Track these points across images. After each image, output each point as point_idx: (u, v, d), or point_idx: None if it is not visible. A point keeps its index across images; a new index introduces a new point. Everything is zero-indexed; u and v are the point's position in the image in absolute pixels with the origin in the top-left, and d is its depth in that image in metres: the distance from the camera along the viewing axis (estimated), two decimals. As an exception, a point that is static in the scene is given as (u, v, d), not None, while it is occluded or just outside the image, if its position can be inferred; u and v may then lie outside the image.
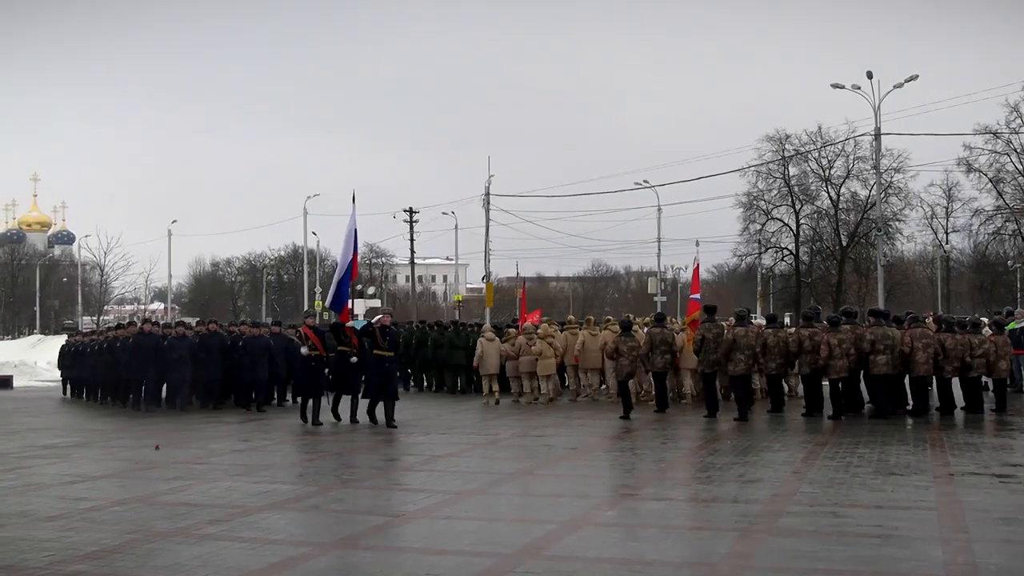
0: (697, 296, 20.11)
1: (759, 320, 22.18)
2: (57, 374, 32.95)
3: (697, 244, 48.85)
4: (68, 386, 25.56)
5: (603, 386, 19.76)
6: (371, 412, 15.78)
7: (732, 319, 17.20)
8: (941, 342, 15.89)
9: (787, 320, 26.15)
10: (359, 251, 17.24)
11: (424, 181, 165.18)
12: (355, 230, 16.87)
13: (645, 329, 18.79)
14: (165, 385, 19.79)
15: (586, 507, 8.81)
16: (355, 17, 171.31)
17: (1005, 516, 8.02)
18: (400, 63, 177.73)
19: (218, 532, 7.78)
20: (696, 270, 22.16)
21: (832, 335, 15.51)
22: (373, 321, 15.95)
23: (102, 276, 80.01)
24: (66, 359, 25.36)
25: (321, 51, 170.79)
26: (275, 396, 20.31)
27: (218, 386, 19.71)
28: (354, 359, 15.78)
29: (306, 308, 17.31)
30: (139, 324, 21.85)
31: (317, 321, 19.00)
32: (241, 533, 7.74)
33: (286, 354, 19.44)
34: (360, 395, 16.12)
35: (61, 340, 32.47)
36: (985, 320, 20.62)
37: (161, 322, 25.97)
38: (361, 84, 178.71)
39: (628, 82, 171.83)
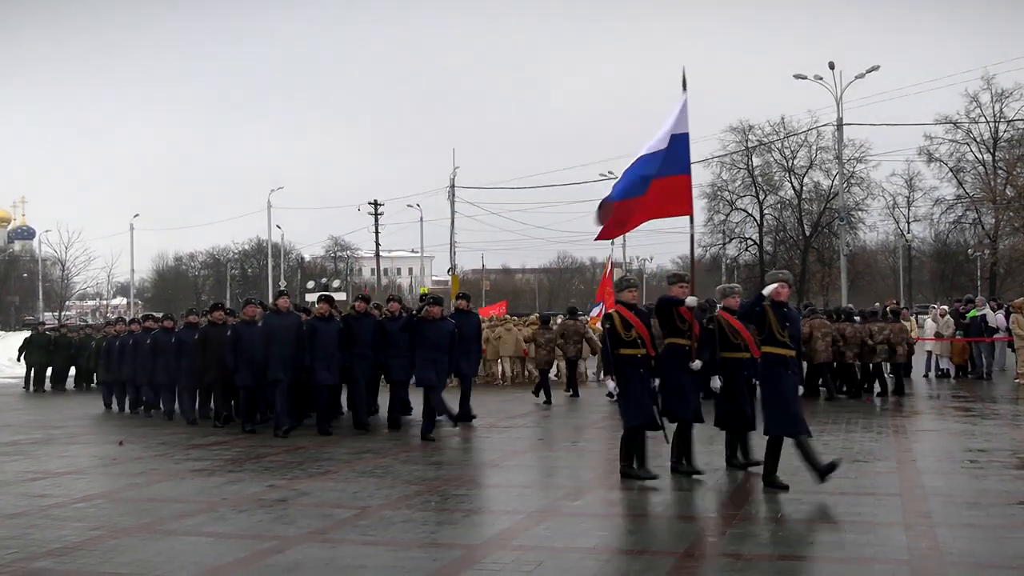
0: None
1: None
2: (16, 370, 32.05)
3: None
4: (91, 390, 23.53)
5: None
6: (746, 453, 10.01)
7: None
8: (841, 331, 17.62)
9: None
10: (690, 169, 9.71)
11: (389, 173, 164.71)
12: (686, 135, 9.55)
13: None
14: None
15: (554, 497, 8.83)
16: (318, 9, 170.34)
17: (967, 501, 8.13)
18: (364, 55, 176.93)
19: (183, 527, 7.71)
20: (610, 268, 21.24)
21: None
22: (765, 292, 8.78)
23: (63, 271, 79.15)
24: (105, 358, 19.68)
25: (284, 42, 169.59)
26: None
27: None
28: (696, 364, 9.44)
29: (622, 275, 10.73)
30: (241, 309, 15.21)
31: (291, 304, 14.82)
32: (207, 528, 7.68)
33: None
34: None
35: (21, 336, 31.35)
36: (935, 309, 22.44)
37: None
38: (326, 76, 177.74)
39: (591, 72, 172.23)
